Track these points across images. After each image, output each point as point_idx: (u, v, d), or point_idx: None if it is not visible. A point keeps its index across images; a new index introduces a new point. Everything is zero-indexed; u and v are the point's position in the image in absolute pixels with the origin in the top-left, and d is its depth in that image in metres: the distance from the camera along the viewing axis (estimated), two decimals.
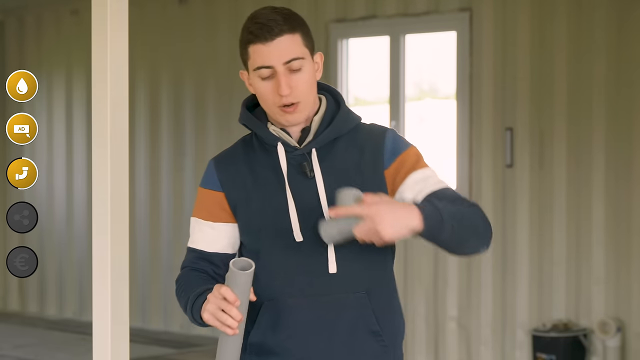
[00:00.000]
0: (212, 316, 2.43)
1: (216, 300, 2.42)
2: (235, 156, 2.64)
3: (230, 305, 2.40)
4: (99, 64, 2.99)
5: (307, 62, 2.54)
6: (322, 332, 2.53)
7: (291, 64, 2.51)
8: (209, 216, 2.62)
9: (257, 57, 2.52)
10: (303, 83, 2.53)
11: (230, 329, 2.41)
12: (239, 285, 2.41)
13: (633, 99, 6.78)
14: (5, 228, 9.70)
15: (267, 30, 2.50)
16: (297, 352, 2.54)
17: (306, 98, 2.54)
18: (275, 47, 2.50)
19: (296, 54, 2.51)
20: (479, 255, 7.36)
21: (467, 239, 2.48)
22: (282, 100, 2.51)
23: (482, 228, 2.50)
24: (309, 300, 2.53)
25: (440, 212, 2.41)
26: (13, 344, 8.70)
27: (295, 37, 2.52)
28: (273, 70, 2.51)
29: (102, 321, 2.96)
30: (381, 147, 2.57)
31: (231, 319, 2.40)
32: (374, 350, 2.56)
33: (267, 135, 2.59)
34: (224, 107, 8.65)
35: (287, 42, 2.51)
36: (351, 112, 2.65)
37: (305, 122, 2.60)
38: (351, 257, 2.54)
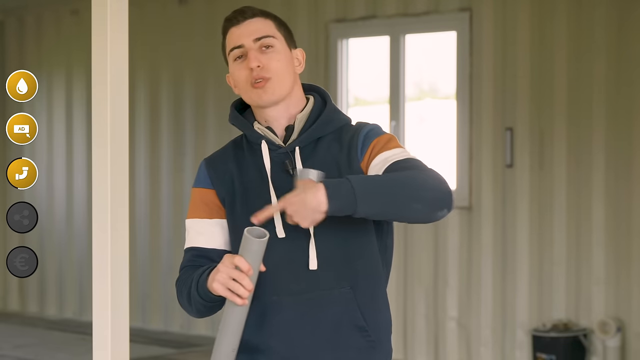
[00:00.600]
0: (222, 286, 2.42)
1: (227, 269, 2.42)
2: (225, 156, 2.67)
3: (243, 274, 2.40)
4: (99, 64, 2.99)
5: (279, 43, 2.60)
6: (306, 329, 2.53)
7: (262, 41, 2.57)
8: (205, 214, 2.63)
9: (230, 40, 2.61)
10: (275, 61, 2.57)
11: (240, 299, 2.41)
12: (252, 254, 2.41)
13: (633, 99, 6.78)
14: (5, 228, 9.70)
15: (239, 13, 2.61)
16: (282, 350, 2.54)
17: (278, 76, 2.57)
18: (246, 27, 2.59)
19: (267, 32, 2.59)
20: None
21: (406, 204, 2.41)
22: (253, 74, 2.56)
23: (430, 189, 2.43)
24: (293, 298, 2.53)
25: (352, 184, 2.38)
26: (13, 344, 8.70)
27: (268, 21, 2.61)
28: (244, 49, 2.58)
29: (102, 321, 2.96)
30: (355, 141, 2.58)
31: (243, 289, 2.40)
32: (360, 346, 2.56)
33: (252, 134, 2.62)
34: (223, 106, 8.65)
35: (259, 23, 2.60)
36: (338, 112, 2.66)
37: (289, 121, 2.62)
38: (334, 253, 2.54)
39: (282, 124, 2.62)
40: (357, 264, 2.56)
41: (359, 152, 2.57)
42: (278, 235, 2.53)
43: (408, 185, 2.42)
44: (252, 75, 2.56)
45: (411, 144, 7.70)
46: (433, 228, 7.46)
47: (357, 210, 2.38)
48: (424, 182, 2.43)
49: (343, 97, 7.98)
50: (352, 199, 2.38)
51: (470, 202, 7.34)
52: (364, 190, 2.39)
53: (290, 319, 2.53)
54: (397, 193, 2.41)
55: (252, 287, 2.42)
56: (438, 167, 2.53)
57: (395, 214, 2.43)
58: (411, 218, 2.44)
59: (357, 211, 2.38)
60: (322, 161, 2.57)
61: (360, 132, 2.59)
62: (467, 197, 7.35)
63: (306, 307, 2.53)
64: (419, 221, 2.47)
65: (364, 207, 2.38)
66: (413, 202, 2.41)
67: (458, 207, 7.38)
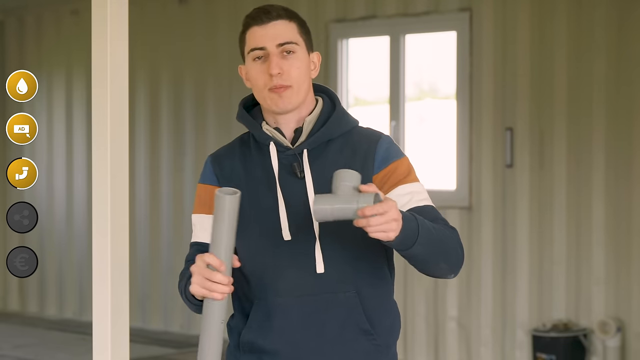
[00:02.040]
0: (199, 287, 2.40)
1: (200, 269, 2.40)
2: (231, 153, 2.65)
3: (215, 272, 2.38)
4: (99, 64, 2.99)
5: (301, 50, 2.58)
6: (311, 331, 2.53)
7: (284, 46, 2.55)
8: (210, 210, 2.62)
9: (251, 39, 2.57)
10: (296, 68, 2.55)
11: (220, 295, 2.40)
12: (225, 212, 2.37)
13: (633, 98, 6.78)
14: (5, 228, 9.70)
15: (264, 13, 2.57)
16: (288, 352, 2.54)
17: (297, 85, 2.56)
18: (270, 29, 2.56)
19: (290, 38, 2.56)
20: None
21: (438, 260, 2.49)
22: (273, 81, 2.54)
23: (455, 253, 2.53)
24: (298, 300, 2.53)
25: (419, 223, 2.42)
26: (13, 344, 8.70)
27: (292, 24, 2.58)
28: (266, 52, 2.55)
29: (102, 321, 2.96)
30: (373, 151, 2.57)
31: (221, 286, 2.39)
32: (366, 349, 2.56)
33: (260, 135, 2.60)
34: (223, 106, 8.65)
35: (283, 26, 2.56)
36: (347, 114, 2.65)
37: (298, 123, 2.61)
38: (340, 258, 2.53)
39: (291, 126, 2.60)
40: (363, 267, 2.56)
41: (376, 165, 2.57)
42: (284, 237, 2.53)
43: (447, 246, 2.51)
44: (272, 81, 2.54)
45: (411, 144, 7.70)
46: None
47: (411, 250, 2.43)
48: (455, 248, 2.53)
49: (343, 97, 7.98)
50: (414, 236, 2.41)
51: (470, 202, 7.34)
52: (425, 235, 2.43)
53: (296, 321, 2.53)
54: (440, 249, 2.49)
55: (228, 280, 2.39)
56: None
57: (425, 263, 2.50)
58: (429, 272, 2.54)
59: (410, 251, 2.43)
60: (332, 164, 2.56)
61: (379, 145, 2.58)
62: (467, 197, 7.35)
63: (311, 309, 2.53)
64: (430, 275, 2.57)
65: (418, 248, 2.43)
66: (443, 262, 2.51)
67: (458, 207, 7.38)
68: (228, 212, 2.38)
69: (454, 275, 2.55)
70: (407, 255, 2.45)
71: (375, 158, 2.57)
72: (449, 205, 7.39)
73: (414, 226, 2.40)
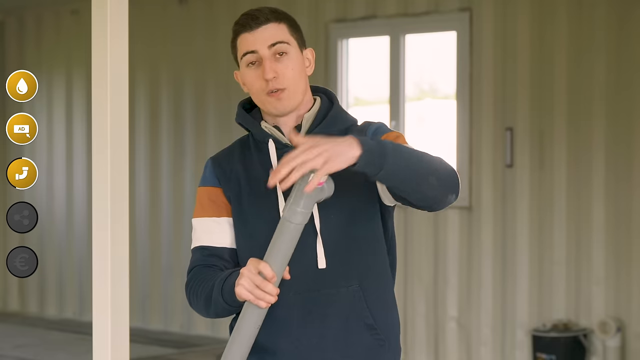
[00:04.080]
0: (246, 291, 2.41)
1: (251, 275, 2.41)
2: (231, 155, 2.66)
3: (266, 282, 2.39)
4: (99, 64, 2.99)
5: (293, 49, 2.57)
6: (314, 327, 2.53)
7: (276, 47, 2.55)
8: (212, 212, 2.62)
9: (242, 45, 2.58)
10: (290, 70, 2.55)
11: (264, 303, 2.41)
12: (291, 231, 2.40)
13: (633, 99, 6.78)
14: (5, 228, 9.70)
15: (252, 19, 2.57)
16: (290, 349, 2.54)
17: (293, 86, 2.56)
18: (260, 33, 2.56)
19: (281, 38, 2.56)
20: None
21: (424, 175, 2.40)
22: (269, 85, 2.54)
23: (444, 168, 2.44)
24: (300, 296, 2.53)
25: (385, 143, 2.37)
26: (13, 344, 8.70)
27: (281, 25, 2.57)
28: (258, 55, 2.55)
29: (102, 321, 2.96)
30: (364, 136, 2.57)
31: (269, 296, 2.40)
32: (369, 344, 2.55)
33: (259, 132, 2.61)
34: (224, 107, 8.65)
35: (272, 29, 2.56)
36: (345, 112, 2.66)
37: (297, 120, 2.61)
38: (342, 252, 2.53)
39: (289, 124, 2.61)
40: (365, 262, 2.56)
41: None
42: None
43: (429, 160, 2.43)
44: (268, 86, 2.54)
45: (411, 144, 7.69)
46: (433, 228, 7.47)
47: (385, 165, 2.35)
48: (441, 164, 2.45)
49: (343, 97, 7.99)
50: (383, 151, 2.36)
51: (470, 202, 7.34)
52: (394, 148, 2.38)
53: (298, 317, 2.53)
54: (421, 163, 2.41)
55: (276, 291, 2.41)
56: None
57: (412, 182, 2.40)
58: (424, 194, 2.43)
59: (385, 166, 2.35)
60: None
61: (368, 130, 2.59)
62: (467, 197, 7.35)
63: (314, 305, 2.53)
64: (428, 202, 2.46)
65: (391, 165, 2.36)
66: (431, 176, 2.42)
67: (458, 207, 7.38)
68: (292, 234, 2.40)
69: (455, 195, 2.48)
70: (388, 177, 2.38)
71: None
72: (448, 206, 7.38)
73: (374, 143, 2.36)
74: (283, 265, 2.42)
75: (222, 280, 2.51)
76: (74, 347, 8.57)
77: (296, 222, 2.38)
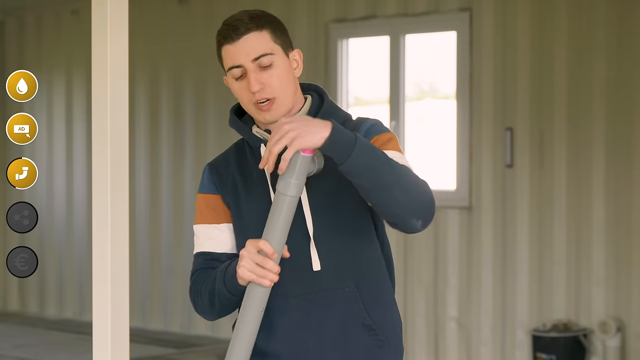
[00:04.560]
0: (248, 272, 2.41)
1: (251, 255, 2.41)
2: (227, 160, 2.66)
3: (267, 259, 2.40)
4: (99, 64, 2.99)
5: (278, 58, 2.54)
6: (312, 330, 2.53)
7: (260, 60, 2.52)
8: (212, 219, 2.62)
9: (227, 58, 2.55)
10: (276, 79, 2.53)
11: (269, 282, 2.41)
12: (285, 206, 2.40)
13: (633, 99, 6.78)
14: (5, 228, 9.70)
15: (232, 30, 2.54)
16: (289, 353, 2.54)
17: (282, 94, 2.54)
18: (242, 45, 2.53)
19: (264, 50, 2.53)
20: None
21: (391, 187, 2.36)
22: (255, 96, 2.52)
23: (417, 189, 2.39)
24: (297, 299, 2.53)
25: (359, 137, 2.37)
26: (13, 344, 8.70)
27: (263, 34, 2.54)
28: (243, 69, 2.53)
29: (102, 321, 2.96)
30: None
31: (271, 273, 2.40)
32: (368, 345, 2.55)
33: (251, 138, 2.61)
34: (224, 107, 8.65)
35: (254, 39, 2.53)
36: (337, 108, 2.64)
37: None
38: (337, 253, 2.53)
39: None
40: (360, 262, 2.55)
41: None
42: None
43: (405, 174, 2.39)
44: (255, 97, 2.53)
45: (411, 144, 7.70)
46: (433, 228, 7.46)
47: (351, 157, 2.34)
48: (417, 182, 2.41)
49: (343, 97, 7.98)
50: (352, 143, 2.35)
51: (470, 202, 7.34)
52: (366, 144, 2.37)
53: (296, 320, 2.53)
54: (390, 170, 2.37)
55: (277, 269, 2.41)
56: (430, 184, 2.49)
57: (376, 189, 2.37)
58: (386, 205, 2.39)
59: (350, 158, 2.34)
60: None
61: (361, 128, 2.57)
62: (467, 197, 7.35)
63: (311, 307, 2.53)
64: (391, 217, 2.41)
65: (357, 159, 2.34)
66: (396, 187, 2.37)
67: (458, 207, 7.38)
68: (288, 207, 2.40)
69: (421, 222, 2.41)
70: (352, 171, 2.36)
71: None
72: (449, 205, 7.39)
73: (348, 134, 2.36)
74: (282, 241, 2.42)
75: (223, 270, 2.52)
76: (74, 347, 8.57)
77: (290, 194, 2.39)
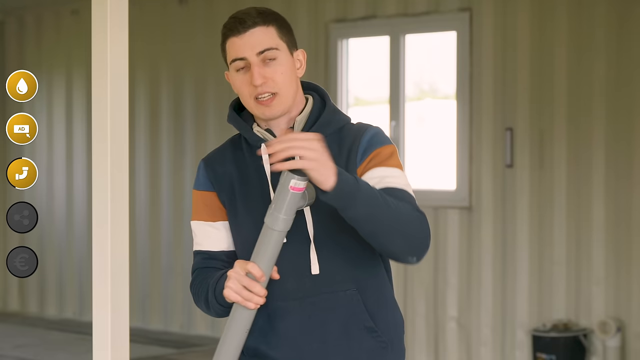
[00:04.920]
0: (234, 293, 2.41)
1: (238, 276, 2.41)
2: (223, 156, 2.65)
3: (254, 282, 2.39)
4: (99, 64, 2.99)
5: (282, 54, 2.54)
6: (314, 333, 2.52)
7: (265, 54, 2.52)
8: (208, 217, 2.62)
9: (231, 50, 2.55)
10: (279, 74, 2.53)
11: (253, 305, 2.41)
12: (275, 234, 2.40)
13: (633, 98, 6.78)
14: (5, 228, 9.70)
15: (239, 23, 2.54)
16: (292, 355, 2.53)
17: (284, 90, 2.54)
18: (248, 38, 2.52)
19: (269, 45, 2.53)
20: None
21: (390, 232, 2.41)
22: (257, 90, 2.52)
23: (414, 231, 2.44)
24: (298, 303, 2.52)
25: (359, 183, 2.37)
26: (13, 344, 8.70)
27: (269, 29, 2.54)
28: (247, 62, 2.52)
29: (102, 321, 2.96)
30: (357, 144, 2.55)
31: (257, 297, 2.40)
32: (371, 347, 2.54)
33: (251, 136, 2.60)
34: (224, 106, 8.65)
35: (260, 33, 2.53)
36: (338, 112, 2.63)
37: (288, 123, 2.59)
38: (337, 256, 2.53)
39: (282, 127, 2.59)
40: (360, 264, 2.55)
41: (359, 157, 2.54)
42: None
43: (402, 216, 2.42)
44: (257, 90, 2.52)
45: (411, 144, 7.70)
46: (433, 228, 7.46)
47: (352, 208, 2.36)
48: (413, 222, 2.44)
49: (343, 97, 7.98)
50: (354, 193, 2.36)
51: (470, 202, 7.34)
52: (365, 195, 2.37)
53: (297, 324, 2.52)
54: (391, 219, 2.40)
55: (264, 292, 2.40)
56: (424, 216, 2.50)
57: (374, 234, 2.42)
58: (384, 246, 2.44)
59: (351, 209, 2.37)
60: None
61: (363, 137, 2.55)
62: (467, 197, 7.35)
63: (312, 311, 2.52)
64: (388, 254, 2.48)
65: (358, 209, 2.37)
66: (396, 234, 2.42)
67: (458, 207, 7.38)
68: (276, 240, 2.40)
69: (416, 258, 2.47)
70: (352, 217, 2.38)
71: (359, 150, 2.54)
72: (449, 205, 7.39)
73: (352, 182, 2.36)
74: (270, 267, 2.42)
75: (214, 283, 2.52)
76: (74, 347, 8.57)
77: (278, 229, 2.39)
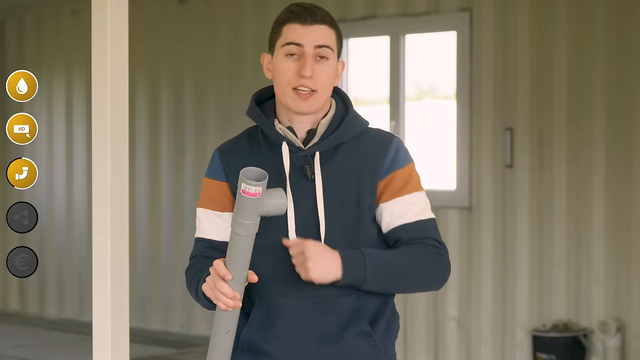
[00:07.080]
0: (208, 289, 2.47)
1: (213, 274, 2.45)
2: (240, 147, 2.63)
3: (222, 282, 2.42)
4: (99, 64, 2.99)
5: (333, 57, 2.57)
6: (311, 332, 2.53)
7: (321, 49, 2.54)
8: (216, 206, 2.61)
9: (289, 34, 2.55)
10: (325, 75, 2.55)
11: (222, 305, 2.44)
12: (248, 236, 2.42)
13: (633, 99, 6.78)
14: (5, 228, 9.70)
15: (309, 14, 2.55)
16: (287, 353, 2.54)
17: (323, 91, 2.56)
18: (312, 30, 2.54)
19: (328, 43, 2.55)
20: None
21: (404, 288, 2.57)
22: (301, 81, 2.52)
23: (429, 277, 2.56)
24: (299, 301, 2.53)
25: (367, 265, 2.48)
26: (13, 344, 8.70)
27: (332, 31, 2.57)
28: (302, 50, 2.53)
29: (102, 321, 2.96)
30: (382, 157, 2.57)
31: (224, 297, 2.42)
32: (364, 350, 2.55)
33: (272, 133, 2.58)
34: (224, 106, 8.65)
35: (324, 30, 2.55)
36: (359, 117, 2.64)
37: (312, 124, 2.59)
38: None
39: (304, 126, 2.59)
40: None
41: (382, 172, 2.57)
42: (290, 238, 2.52)
43: (416, 268, 2.55)
44: (300, 82, 2.53)
45: (411, 144, 7.70)
46: None
47: (366, 284, 2.50)
48: (428, 269, 2.56)
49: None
50: (363, 272, 2.48)
51: (470, 202, 7.35)
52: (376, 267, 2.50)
53: (296, 322, 2.53)
54: (405, 280, 2.55)
55: (232, 294, 2.42)
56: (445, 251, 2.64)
57: (393, 291, 2.58)
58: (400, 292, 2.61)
59: (365, 284, 2.50)
60: (342, 168, 2.56)
61: (388, 152, 2.58)
62: (467, 197, 7.35)
63: (312, 311, 2.53)
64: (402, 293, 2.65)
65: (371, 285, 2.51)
66: (414, 287, 2.59)
67: (458, 207, 7.38)
68: (244, 244, 2.42)
69: (435, 288, 2.60)
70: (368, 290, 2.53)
71: (383, 164, 2.57)
72: (449, 205, 7.39)
73: (358, 265, 2.47)
74: (240, 270, 2.43)
75: (203, 279, 2.54)
76: (74, 347, 8.57)
77: (239, 233, 2.40)
